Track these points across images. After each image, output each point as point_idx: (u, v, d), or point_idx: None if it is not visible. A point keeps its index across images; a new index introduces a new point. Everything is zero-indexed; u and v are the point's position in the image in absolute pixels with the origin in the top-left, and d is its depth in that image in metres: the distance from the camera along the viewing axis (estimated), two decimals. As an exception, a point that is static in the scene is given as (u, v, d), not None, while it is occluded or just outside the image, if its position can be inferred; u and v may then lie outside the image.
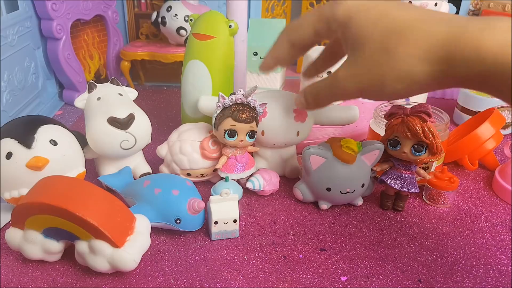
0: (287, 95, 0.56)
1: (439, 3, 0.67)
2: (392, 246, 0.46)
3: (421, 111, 0.47)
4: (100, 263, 0.38)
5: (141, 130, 0.50)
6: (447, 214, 0.52)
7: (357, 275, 0.41)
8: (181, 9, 0.83)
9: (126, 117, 0.48)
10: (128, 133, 0.49)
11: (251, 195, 0.54)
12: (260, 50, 0.75)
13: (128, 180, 0.51)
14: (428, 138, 0.46)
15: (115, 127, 0.48)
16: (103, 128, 0.48)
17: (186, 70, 0.57)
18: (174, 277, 0.40)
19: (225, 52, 0.56)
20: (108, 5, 0.86)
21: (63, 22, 0.73)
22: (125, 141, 0.49)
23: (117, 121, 0.48)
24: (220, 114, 0.49)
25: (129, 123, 0.49)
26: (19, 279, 0.40)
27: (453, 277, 0.41)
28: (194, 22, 0.57)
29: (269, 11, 0.91)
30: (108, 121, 0.48)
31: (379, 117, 0.57)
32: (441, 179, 0.52)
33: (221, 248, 0.44)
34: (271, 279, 0.41)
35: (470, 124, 0.66)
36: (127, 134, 0.49)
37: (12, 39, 0.64)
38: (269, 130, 0.53)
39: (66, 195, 0.37)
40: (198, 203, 0.44)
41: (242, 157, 0.52)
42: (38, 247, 0.40)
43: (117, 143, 0.49)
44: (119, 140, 0.49)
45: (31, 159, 0.43)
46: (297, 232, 0.48)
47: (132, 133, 0.49)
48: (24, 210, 0.38)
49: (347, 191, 0.49)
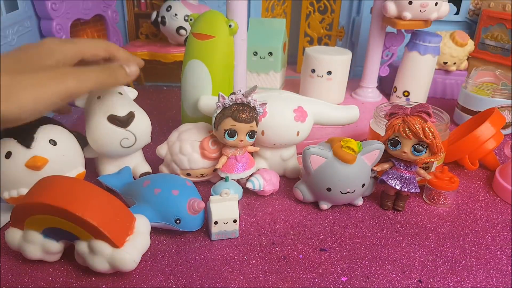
0: (287, 95, 0.56)
1: (439, 3, 0.67)
2: (392, 246, 0.46)
3: (422, 111, 0.47)
4: (100, 263, 0.38)
5: (141, 128, 0.50)
6: (447, 214, 0.52)
7: (357, 275, 0.41)
8: (181, 8, 0.83)
9: (126, 115, 0.48)
10: (128, 131, 0.49)
11: (251, 195, 0.54)
12: (260, 50, 0.75)
13: (128, 180, 0.51)
14: (429, 138, 0.46)
15: (115, 125, 0.48)
16: (103, 126, 0.48)
17: (186, 70, 0.57)
18: (174, 277, 0.40)
19: (225, 52, 0.56)
20: (108, 4, 0.86)
21: (63, 21, 0.73)
22: (125, 139, 0.49)
23: (117, 119, 0.48)
24: (220, 114, 0.49)
25: (129, 121, 0.49)
26: (19, 279, 0.40)
27: (453, 277, 0.41)
28: (194, 22, 0.57)
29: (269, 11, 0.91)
30: (108, 119, 0.48)
31: (379, 117, 0.57)
32: (442, 179, 0.52)
33: (221, 248, 0.44)
34: (271, 279, 0.40)
35: (470, 124, 0.66)
36: (127, 132, 0.49)
37: (11, 39, 0.64)
38: (269, 130, 0.53)
39: (66, 195, 0.37)
40: (198, 203, 0.44)
41: (242, 157, 0.52)
42: (38, 247, 0.39)
43: (117, 141, 0.49)
44: (119, 138, 0.49)
45: (30, 159, 0.43)
46: (297, 232, 0.47)
47: (132, 131, 0.49)
48: (24, 210, 0.38)
49: (347, 191, 0.49)
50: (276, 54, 0.75)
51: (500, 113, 0.60)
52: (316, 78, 0.71)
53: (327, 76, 0.70)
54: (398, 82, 0.78)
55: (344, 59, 0.70)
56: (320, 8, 0.92)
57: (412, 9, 0.67)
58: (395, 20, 0.69)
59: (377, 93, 0.80)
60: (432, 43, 0.72)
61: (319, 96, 0.66)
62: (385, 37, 0.75)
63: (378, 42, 0.75)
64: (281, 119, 0.53)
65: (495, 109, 0.61)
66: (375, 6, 0.73)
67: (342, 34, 0.94)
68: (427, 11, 0.67)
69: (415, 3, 0.66)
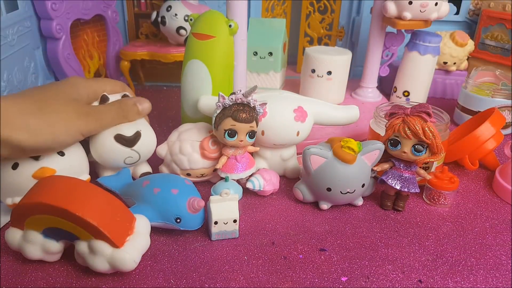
0: (287, 95, 0.56)
1: (439, 3, 0.67)
2: (392, 246, 0.46)
3: (422, 111, 0.47)
4: (100, 263, 0.38)
5: (146, 147, 0.51)
6: (447, 214, 0.52)
7: (357, 275, 0.41)
8: (181, 8, 0.83)
9: (132, 135, 0.49)
10: (133, 151, 0.49)
11: (251, 195, 0.54)
12: (260, 50, 0.75)
13: (127, 181, 0.51)
14: (429, 138, 0.46)
15: (121, 144, 0.48)
16: (109, 144, 0.48)
17: (186, 70, 0.57)
18: (174, 277, 0.40)
19: (225, 52, 0.56)
20: (108, 4, 0.86)
21: (63, 21, 0.73)
22: (129, 157, 0.50)
23: (124, 138, 0.48)
24: (220, 114, 0.49)
25: (135, 141, 0.49)
26: (19, 279, 0.40)
27: (453, 277, 0.41)
28: (194, 22, 0.57)
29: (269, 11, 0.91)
30: (114, 138, 0.48)
31: (379, 117, 0.57)
32: (442, 179, 0.52)
33: (221, 248, 0.44)
34: (271, 279, 0.40)
35: (470, 124, 0.66)
36: (132, 151, 0.49)
37: (11, 39, 0.64)
38: (269, 130, 0.53)
39: (66, 195, 0.37)
40: (197, 201, 0.44)
41: (242, 157, 0.52)
42: (38, 247, 0.39)
43: (121, 159, 0.50)
44: (124, 156, 0.50)
45: (38, 170, 0.43)
46: (297, 232, 0.47)
47: (137, 151, 0.50)
48: (24, 210, 0.38)
49: (347, 191, 0.49)
50: (276, 54, 0.75)
51: (500, 113, 0.60)
52: (316, 78, 0.71)
53: (327, 76, 0.70)
54: (398, 82, 0.78)
55: (344, 59, 0.70)
56: (320, 8, 0.92)
57: (412, 9, 0.67)
58: (395, 20, 0.69)
59: (377, 93, 0.80)
60: (432, 43, 0.72)
61: (319, 96, 0.66)
62: (385, 37, 0.75)
63: (378, 42, 0.75)
64: (281, 119, 0.53)
65: (495, 109, 0.61)
66: (375, 6, 0.73)
67: (342, 34, 0.94)
68: (427, 11, 0.67)
69: (415, 3, 0.66)
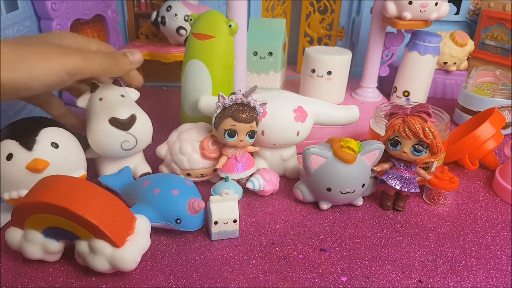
0: (287, 95, 0.56)
1: (439, 3, 0.67)
2: (392, 246, 0.46)
3: (422, 111, 0.47)
4: (100, 263, 0.38)
5: (142, 131, 0.50)
6: (447, 214, 0.52)
7: (357, 275, 0.41)
8: (181, 8, 0.83)
9: (127, 118, 0.48)
10: (129, 134, 0.49)
11: (251, 195, 0.54)
12: (260, 50, 0.75)
13: (128, 180, 0.51)
14: (429, 138, 0.46)
15: (116, 127, 0.48)
16: (104, 128, 0.48)
17: (186, 70, 0.57)
18: (174, 277, 0.40)
19: (225, 52, 0.56)
20: (108, 4, 0.86)
21: (63, 21, 0.73)
22: (126, 141, 0.49)
23: (118, 121, 0.48)
24: (220, 114, 0.49)
25: (130, 124, 0.49)
26: (19, 279, 0.40)
27: (453, 277, 0.41)
28: (194, 22, 0.57)
29: (269, 11, 0.91)
30: (109, 121, 0.48)
31: (379, 117, 0.57)
32: (442, 179, 0.52)
33: (221, 248, 0.44)
34: (271, 279, 0.40)
35: (470, 124, 0.66)
36: (128, 135, 0.49)
37: (12, 39, 0.64)
38: (269, 130, 0.53)
39: (66, 194, 0.37)
40: (198, 202, 0.44)
41: (242, 157, 0.52)
42: (38, 247, 0.40)
43: (118, 144, 0.49)
44: (120, 140, 0.49)
45: (31, 162, 0.43)
46: (297, 232, 0.47)
47: (133, 134, 0.49)
48: (24, 209, 0.38)
49: (347, 191, 0.49)
50: (276, 54, 0.75)
51: (500, 113, 0.60)
52: (316, 78, 0.71)
53: (327, 76, 0.70)
54: (398, 82, 0.78)
55: (344, 59, 0.70)
56: (320, 8, 0.92)
57: (412, 9, 0.67)
58: (395, 20, 0.69)
59: (377, 93, 0.80)
60: (432, 43, 0.72)
61: (319, 96, 0.66)
62: (385, 37, 0.75)
63: (378, 42, 0.75)
64: (281, 119, 0.53)
65: (495, 109, 0.61)
66: (375, 6, 0.73)
67: (342, 34, 0.94)
68: (427, 11, 0.67)
69: (415, 3, 0.66)
